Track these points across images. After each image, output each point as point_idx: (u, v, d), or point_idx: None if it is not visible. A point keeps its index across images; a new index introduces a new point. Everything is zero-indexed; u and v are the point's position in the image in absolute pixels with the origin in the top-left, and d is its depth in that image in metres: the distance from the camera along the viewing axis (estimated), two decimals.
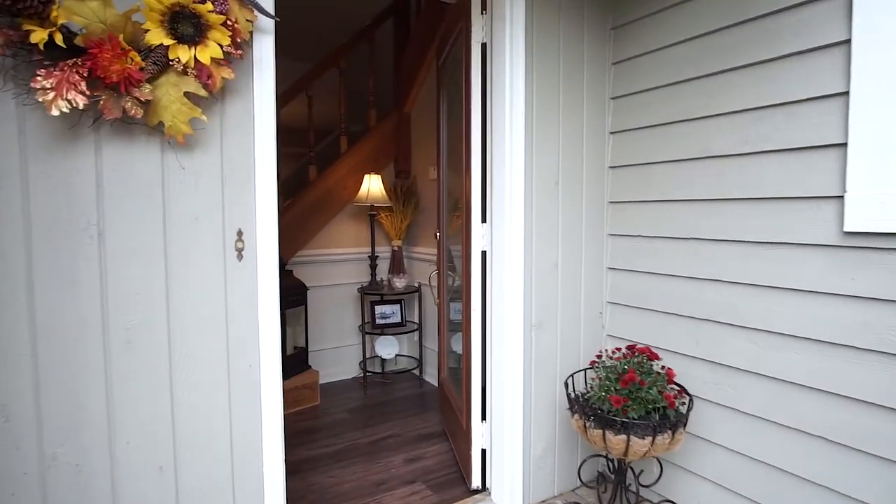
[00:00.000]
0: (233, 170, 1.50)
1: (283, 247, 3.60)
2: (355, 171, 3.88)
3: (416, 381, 3.95)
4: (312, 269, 3.82)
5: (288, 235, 3.65)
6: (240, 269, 1.52)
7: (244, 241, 1.52)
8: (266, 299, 1.56)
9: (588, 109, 2.27)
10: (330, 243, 3.91)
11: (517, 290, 2.11)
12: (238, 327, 1.53)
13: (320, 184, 3.78)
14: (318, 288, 3.86)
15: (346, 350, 4.01)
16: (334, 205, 3.86)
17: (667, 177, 2.09)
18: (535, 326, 2.17)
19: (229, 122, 1.49)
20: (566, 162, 2.22)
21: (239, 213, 1.51)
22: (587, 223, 2.30)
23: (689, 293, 2.00)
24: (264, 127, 1.53)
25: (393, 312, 3.89)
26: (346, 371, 4.02)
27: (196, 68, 1.34)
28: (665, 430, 1.75)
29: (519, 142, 2.07)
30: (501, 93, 2.09)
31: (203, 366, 1.48)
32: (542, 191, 2.16)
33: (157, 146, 1.39)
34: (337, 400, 3.61)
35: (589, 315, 2.33)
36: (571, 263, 2.26)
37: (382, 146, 4.04)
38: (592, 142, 2.29)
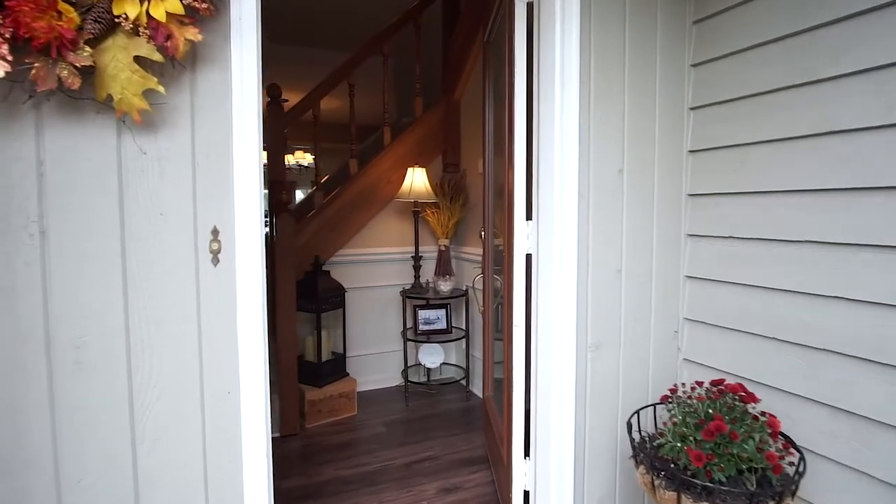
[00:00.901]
0: (207, 155, 1.23)
1: (321, 246, 3.39)
2: (400, 165, 3.60)
3: (462, 393, 3.61)
4: (353, 269, 3.59)
5: (326, 234, 3.44)
6: (215, 275, 1.25)
7: (220, 241, 1.25)
8: (247, 312, 1.28)
9: (662, 80, 1.82)
10: (372, 242, 3.66)
11: (569, 302, 1.71)
12: (213, 347, 1.26)
13: (361, 179, 3.54)
14: (359, 289, 3.62)
15: (388, 356, 3.74)
16: (377, 201, 3.61)
17: (769, 161, 1.60)
18: (591, 348, 1.76)
19: (202, 97, 1.22)
20: (633, 145, 1.79)
21: (214, 208, 1.24)
22: (660, 221, 1.85)
23: (802, 314, 1.51)
24: (246, 103, 1.25)
25: (438, 318, 3.58)
26: (388, 379, 3.75)
27: (150, 27, 1.08)
28: (766, 500, 1.29)
29: (571, 122, 1.67)
30: (550, 62, 1.69)
31: (170, 393, 1.23)
32: (601, 181, 1.74)
33: (113, 127, 1.15)
34: (375, 411, 3.35)
35: (661, 334, 1.88)
36: (639, 270, 1.82)
37: (429, 138, 3.73)
38: (667, 120, 1.84)
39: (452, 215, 3.63)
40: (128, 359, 1.19)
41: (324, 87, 3.42)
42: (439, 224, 3.63)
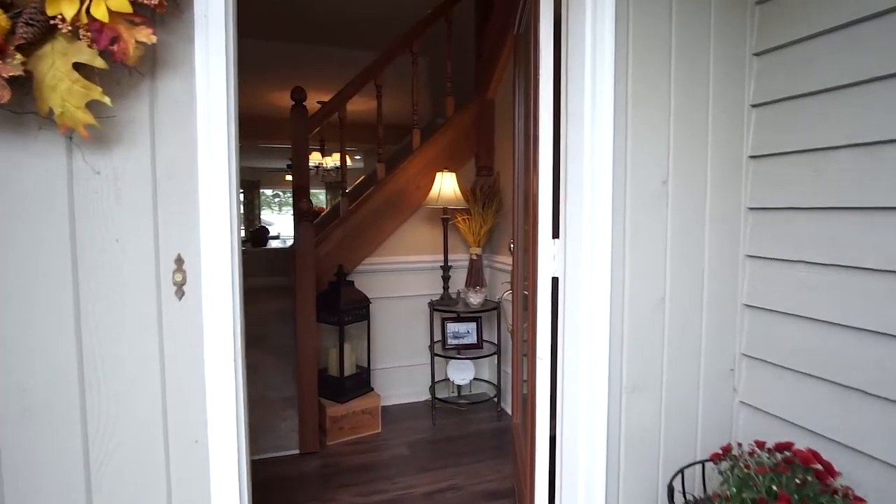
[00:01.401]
0: (170, 175, 1.08)
1: (346, 255, 3.26)
2: (429, 169, 3.41)
3: (493, 412, 3.39)
4: (379, 278, 3.43)
5: (351, 242, 3.30)
6: (180, 309, 1.10)
7: (185, 272, 1.10)
8: (217, 352, 1.12)
9: (717, 72, 1.53)
10: (400, 250, 3.49)
11: (600, 335, 1.46)
12: (179, 390, 1.11)
13: (389, 184, 3.37)
14: (386, 300, 3.46)
15: (416, 370, 3.57)
16: (405, 208, 3.43)
17: (856, 171, 1.29)
18: (627, 389, 1.50)
19: (164, 109, 1.07)
20: (680, 151, 1.51)
21: (178, 235, 1.09)
22: (713, 240, 1.56)
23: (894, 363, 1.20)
24: (214, 114, 1.08)
25: (468, 332, 3.36)
26: (416, 393, 3.58)
27: (91, 29, 0.93)
28: None
29: (605, 123, 1.42)
30: (579, 52, 1.45)
31: (131, 442, 1.09)
32: (640, 194, 1.48)
33: (61, 144, 1.01)
34: (400, 429, 3.18)
35: (712, 373, 1.60)
36: (686, 298, 1.55)
37: (461, 139, 3.52)
38: (723, 120, 1.55)
39: (485, 222, 3.40)
40: (82, 404, 1.06)
41: (350, 89, 3.28)
42: (470, 231, 3.42)
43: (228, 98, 1.10)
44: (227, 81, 1.09)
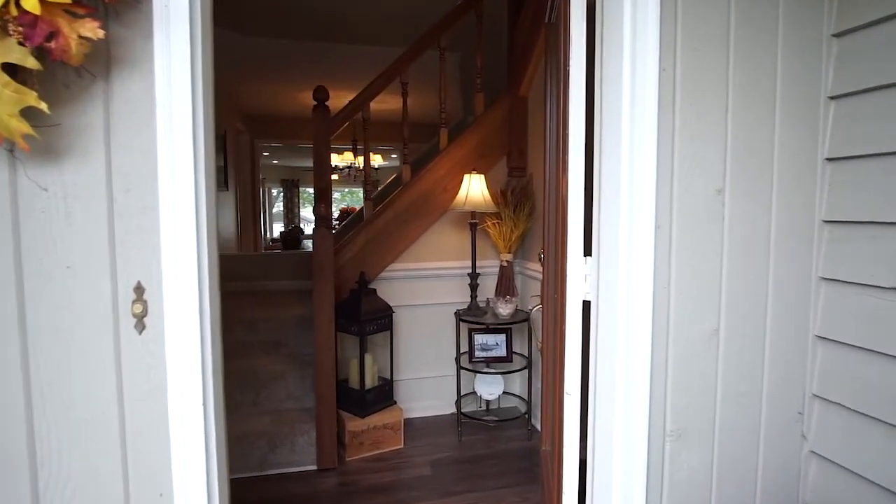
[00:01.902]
0: (127, 190, 0.93)
1: (369, 261, 3.12)
2: (458, 171, 3.22)
3: (523, 429, 3.17)
4: (404, 285, 3.27)
5: (375, 248, 3.16)
6: (141, 345, 0.96)
7: (146, 301, 0.95)
8: (182, 394, 0.97)
9: (786, 57, 1.27)
10: (425, 256, 3.32)
11: (639, 370, 1.24)
12: (141, 437, 0.97)
13: (415, 186, 3.20)
14: (411, 308, 3.30)
15: (442, 381, 3.39)
16: (432, 211, 3.25)
17: None
18: (672, 436, 1.27)
19: (120, 115, 0.92)
20: (740, 153, 1.26)
21: (138, 258, 0.95)
22: (779, 260, 1.31)
23: None
24: (177, 119, 0.93)
25: (497, 344, 3.16)
26: (442, 406, 3.40)
27: (21, 23, 0.79)
28: None
29: (647, 119, 1.19)
30: (616, 36, 1.22)
31: (86, 496, 0.96)
32: (689, 205, 1.24)
33: (3, 158, 0.88)
34: (423, 444, 3.01)
35: (776, 418, 1.34)
36: (745, 329, 1.30)
37: (492, 138, 3.31)
38: (793, 114, 1.29)
39: (516, 226, 3.18)
40: (30, 453, 0.93)
41: (373, 87, 3.12)
42: (501, 236, 3.20)
43: (195, 100, 0.94)
44: (194, 81, 0.94)
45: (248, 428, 2.71)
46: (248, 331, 3.16)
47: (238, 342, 3.15)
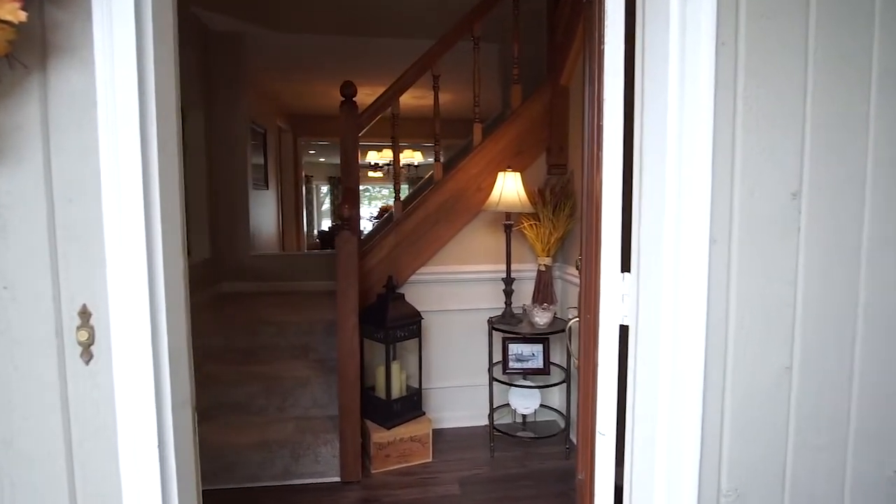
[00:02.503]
0: (69, 196, 0.81)
1: (398, 265, 2.97)
2: (493, 168, 3.01)
3: (560, 446, 2.94)
4: (434, 290, 3.11)
5: (404, 251, 3.01)
6: (89, 378, 0.83)
7: (93, 327, 0.82)
8: (134, 432, 0.84)
9: (885, 24, 1.00)
10: (458, 259, 3.13)
11: (688, 413, 1.01)
12: (89, 481, 0.85)
13: (446, 186, 3.03)
14: (442, 313, 3.14)
15: (476, 391, 3.20)
16: (464, 212, 3.07)
17: None
18: (729, 497, 1.04)
19: (60, 111, 0.80)
20: (822, 148, 1.00)
21: (83, 278, 0.82)
22: (873, 280, 1.04)
23: None
24: (122, 116, 0.80)
25: (533, 354, 2.94)
26: (474, 417, 3.21)
27: None
28: None
29: (700, 104, 0.96)
30: (662, 2, 0.99)
31: None
32: (755, 211, 1.00)
33: None
34: (453, 459, 2.84)
35: (866, 477, 1.07)
36: (826, 367, 1.04)
37: (530, 133, 3.08)
38: (893, 94, 1.01)
39: (556, 228, 2.95)
40: None
41: (404, 81, 2.97)
42: (539, 239, 2.98)
43: (144, 94, 0.80)
44: (142, 72, 0.80)
45: (272, 435, 2.63)
46: (277, 334, 3.09)
47: (266, 346, 3.09)
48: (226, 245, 4.02)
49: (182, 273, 0.91)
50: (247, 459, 2.54)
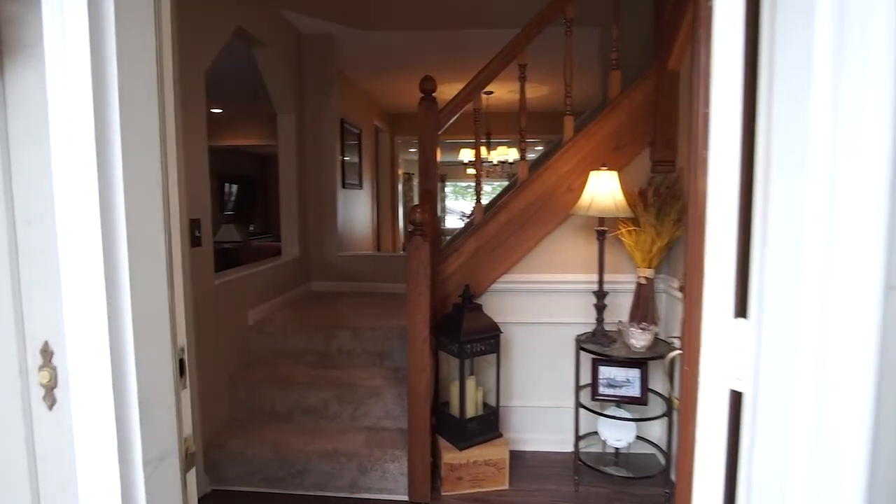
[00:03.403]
0: (28, 220, 0.70)
1: (478, 272, 2.75)
2: (586, 166, 2.67)
3: (658, 487, 2.53)
4: (517, 300, 2.85)
5: (484, 257, 2.78)
6: (52, 423, 0.73)
7: (55, 367, 0.71)
8: (98, 489, 0.71)
9: None
10: (545, 267, 2.84)
11: None
12: None
13: (532, 187, 2.74)
14: (524, 326, 2.86)
15: (561, 413, 2.90)
16: (553, 215, 2.76)
17: None
18: None
19: (18, 116, 0.69)
20: None
21: (44, 312, 0.71)
22: None
23: None
24: (75, 120, 0.66)
25: (628, 380, 2.56)
26: (558, 441, 2.90)
27: None
28: None
29: (872, 80, 0.61)
30: None
31: None
32: None
33: None
34: (532, 489, 2.57)
35: None
36: None
37: (630, 126, 2.69)
38: None
39: (660, 235, 2.53)
40: None
41: (486, 73, 2.73)
42: (638, 247, 2.59)
43: (102, 97, 0.67)
44: (97, 72, 0.66)
45: (342, 445, 2.56)
46: (353, 338, 3.03)
47: (343, 349, 3.04)
48: (315, 244, 4.09)
49: (166, 305, 0.77)
50: (316, 468, 2.49)
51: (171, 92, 2.25)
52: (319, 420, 2.77)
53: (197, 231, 2.46)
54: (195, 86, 2.41)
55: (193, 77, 2.39)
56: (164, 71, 0.79)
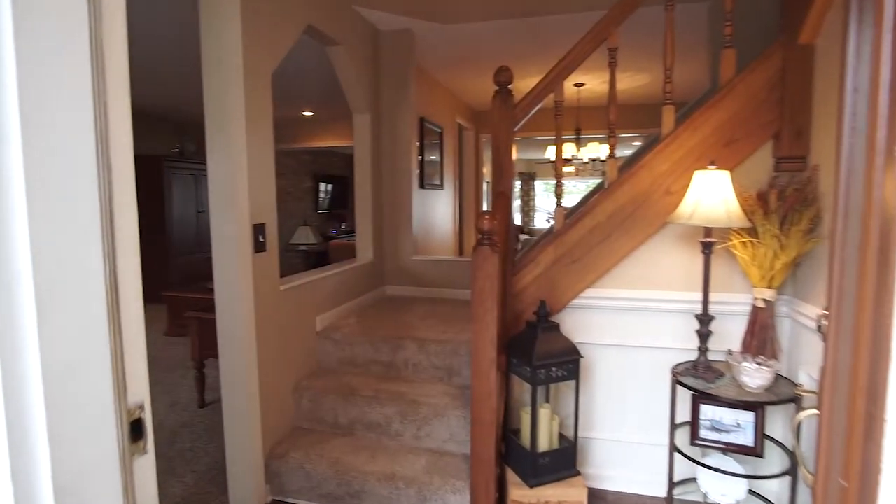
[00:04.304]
0: None
1: (556, 286, 2.45)
2: (690, 164, 2.26)
3: None
4: (601, 318, 2.49)
5: (563, 270, 2.46)
6: None
7: None
8: None
9: None
10: (636, 282, 2.45)
11: None
12: None
13: (622, 189, 2.37)
14: (609, 348, 2.50)
15: (652, 451, 2.50)
16: (648, 221, 2.37)
17: None
18: None
19: None
20: None
21: None
22: None
23: None
24: None
25: (738, 425, 2.11)
26: (649, 482, 2.50)
27: None
28: None
29: None
30: None
31: None
32: None
33: None
34: None
35: None
36: None
37: (747, 114, 2.22)
38: None
39: (784, 249, 2.06)
40: None
41: (569, 60, 2.39)
42: (755, 262, 2.12)
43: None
44: None
45: (402, 468, 2.38)
46: (420, 351, 2.85)
47: (409, 362, 2.87)
48: (390, 248, 3.98)
49: (107, 353, 0.60)
50: (374, 490, 2.34)
51: (239, 95, 2.19)
52: (381, 437, 2.62)
53: (261, 236, 2.40)
54: (261, 88, 2.34)
55: (259, 79, 2.32)
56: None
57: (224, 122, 2.21)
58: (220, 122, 2.21)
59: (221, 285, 2.31)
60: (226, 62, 2.17)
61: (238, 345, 2.32)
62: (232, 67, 2.17)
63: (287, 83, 5.38)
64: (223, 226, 2.26)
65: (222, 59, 2.17)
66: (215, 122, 2.22)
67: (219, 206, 2.26)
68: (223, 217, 2.26)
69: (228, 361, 2.35)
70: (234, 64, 2.17)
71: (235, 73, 2.18)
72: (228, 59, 2.17)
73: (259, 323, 2.40)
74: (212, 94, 2.20)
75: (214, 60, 2.18)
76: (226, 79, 2.18)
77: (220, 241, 2.28)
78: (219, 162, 2.24)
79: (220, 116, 2.21)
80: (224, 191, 2.24)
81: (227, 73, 2.18)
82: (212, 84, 2.20)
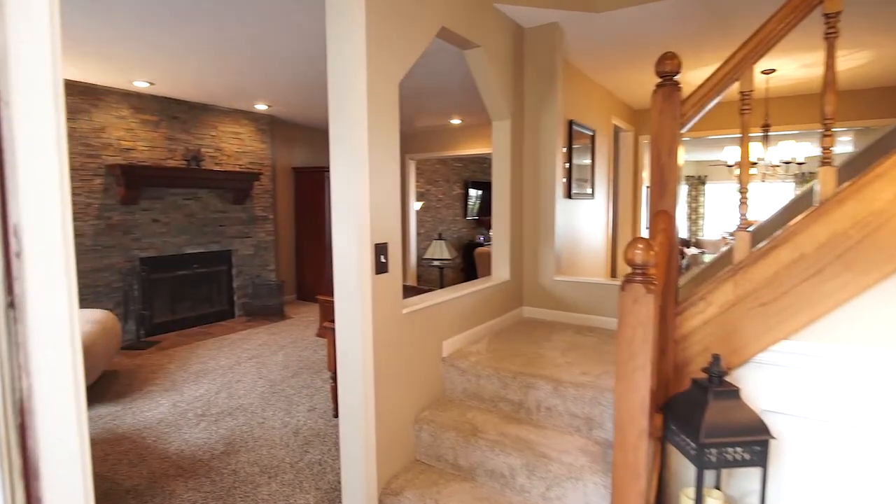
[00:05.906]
0: None
1: (732, 337, 1.88)
2: None
3: None
4: (801, 380, 1.83)
5: (746, 314, 1.86)
6: None
7: None
8: None
9: None
10: (858, 336, 1.74)
11: None
12: None
13: (841, 208, 1.70)
14: (812, 423, 1.82)
15: None
16: (884, 254, 1.66)
17: None
18: None
19: None
20: None
21: None
22: None
23: None
24: None
25: None
26: None
27: None
28: None
29: None
30: None
31: None
32: None
33: None
34: None
35: None
36: None
37: None
38: None
39: None
40: None
41: (766, 33, 1.79)
42: None
43: None
44: None
45: None
46: (555, 393, 2.45)
47: (541, 406, 2.49)
48: (529, 265, 3.62)
49: None
50: None
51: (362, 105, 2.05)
52: (505, 489, 2.29)
53: (383, 256, 2.25)
54: (387, 98, 2.19)
55: (385, 88, 2.17)
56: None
57: (345, 135, 2.09)
58: (341, 134, 2.10)
59: (341, 307, 2.20)
60: (349, 70, 2.05)
61: (355, 371, 2.19)
62: (355, 75, 2.04)
63: (434, 93, 5.35)
64: (342, 244, 2.15)
65: (346, 68, 2.06)
66: (337, 135, 2.11)
67: (339, 223, 2.16)
68: (343, 235, 2.15)
69: (346, 388, 2.23)
70: (358, 72, 2.04)
71: (359, 81, 2.04)
72: (352, 66, 2.04)
73: (377, 349, 2.24)
74: (335, 105, 2.11)
75: (339, 69, 2.07)
76: (349, 87, 2.06)
77: (340, 260, 2.17)
78: (340, 176, 2.13)
79: (342, 129, 2.10)
80: (344, 207, 2.13)
81: (351, 81, 2.05)
82: (335, 94, 2.10)
